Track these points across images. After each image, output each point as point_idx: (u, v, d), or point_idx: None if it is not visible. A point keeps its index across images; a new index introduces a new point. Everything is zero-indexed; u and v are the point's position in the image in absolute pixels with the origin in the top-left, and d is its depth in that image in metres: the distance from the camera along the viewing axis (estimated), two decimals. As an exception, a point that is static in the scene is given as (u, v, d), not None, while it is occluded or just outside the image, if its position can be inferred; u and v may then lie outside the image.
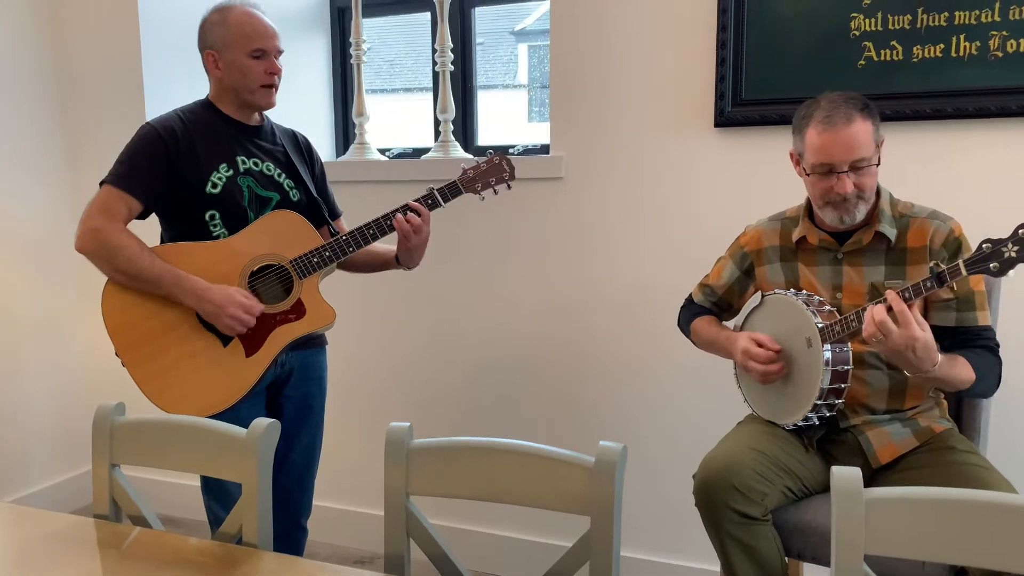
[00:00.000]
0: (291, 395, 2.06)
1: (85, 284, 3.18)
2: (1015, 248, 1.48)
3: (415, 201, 1.98)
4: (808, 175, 1.76)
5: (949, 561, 1.08)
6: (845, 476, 1.11)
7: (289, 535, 2.10)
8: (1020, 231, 1.48)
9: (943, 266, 1.55)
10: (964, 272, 1.52)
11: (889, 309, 1.56)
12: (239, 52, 1.93)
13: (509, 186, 2.07)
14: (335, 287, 2.53)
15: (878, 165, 1.73)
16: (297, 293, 1.94)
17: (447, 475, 1.33)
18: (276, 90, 1.99)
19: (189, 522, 3.04)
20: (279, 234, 1.94)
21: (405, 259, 2.06)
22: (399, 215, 1.96)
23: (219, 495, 1.95)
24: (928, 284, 1.55)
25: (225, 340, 1.91)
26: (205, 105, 2.01)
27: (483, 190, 2.05)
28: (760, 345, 1.79)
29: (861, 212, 1.75)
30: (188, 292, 1.86)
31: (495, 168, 2.04)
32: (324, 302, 1.96)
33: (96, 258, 1.88)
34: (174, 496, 3.07)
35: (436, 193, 2.01)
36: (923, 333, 1.54)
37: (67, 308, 3.19)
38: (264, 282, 1.94)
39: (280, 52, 1.98)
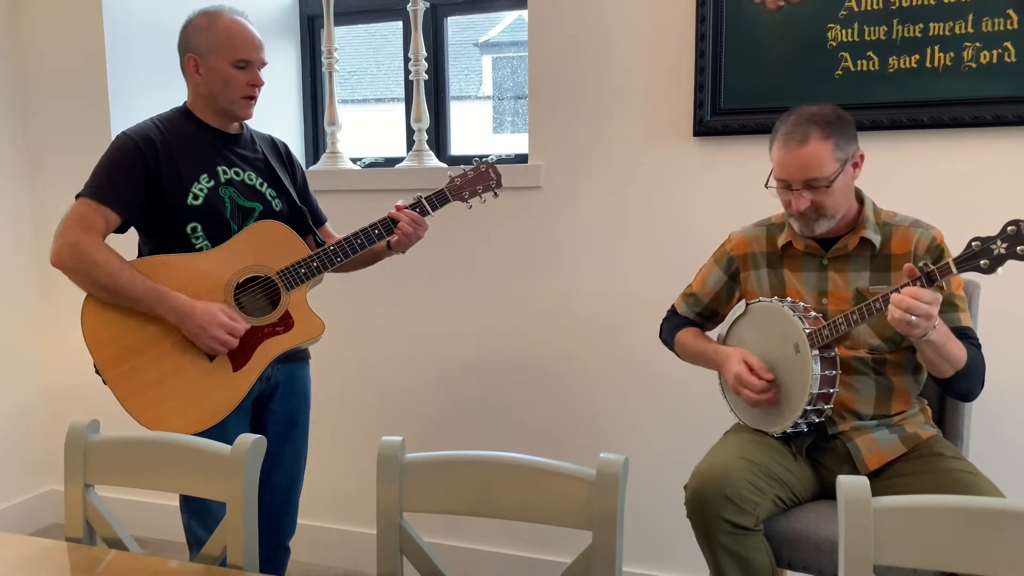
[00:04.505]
0: (276, 410, 2.01)
1: (46, 298, 3.07)
2: (1004, 245, 1.50)
3: (408, 209, 1.96)
4: (777, 187, 1.80)
5: (959, 570, 1.07)
6: (852, 485, 1.10)
7: (272, 557, 2.03)
8: (1009, 228, 1.51)
9: (932, 266, 1.56)
10: (955, 271, 1.54)
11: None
12: (223, 60, 1.87)
13: (496, 194, 2.06)
14: (311, 296, 2.47)
15: (837, 179, 1.72)
16: (284, 305, 1.89)
17: (442, 491, 1.29)
18: (255, 102, 1.94)
19: (165, 543, 2.94)
20: (264, 245, 1.89)
21: (399, 247, 2.00)
22: (402, 223, 1.93)
23: (200, 514, 1.88)
24: (919, 283, 1.56)
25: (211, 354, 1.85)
26: (183, 112, 1.95)
27: (470, 198, 2.03)
28: (751, 370, 1.78)
29: (822, 227, 1.77)
30: (169, 311, 1.80)
31: (482, 176, 2.03)
32: (312, 314, 1.92)
33: (74, 273, 1.81)
34: (149, 517, 2.96)
35: (424, 201, 1.99)
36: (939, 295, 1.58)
37: (26, 323, 3.07)
38: (250, 295, 1.89)
39: (264, 64, 1.94)
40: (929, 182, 2.16)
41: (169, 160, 1.85)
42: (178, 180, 1.85)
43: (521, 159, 2.71)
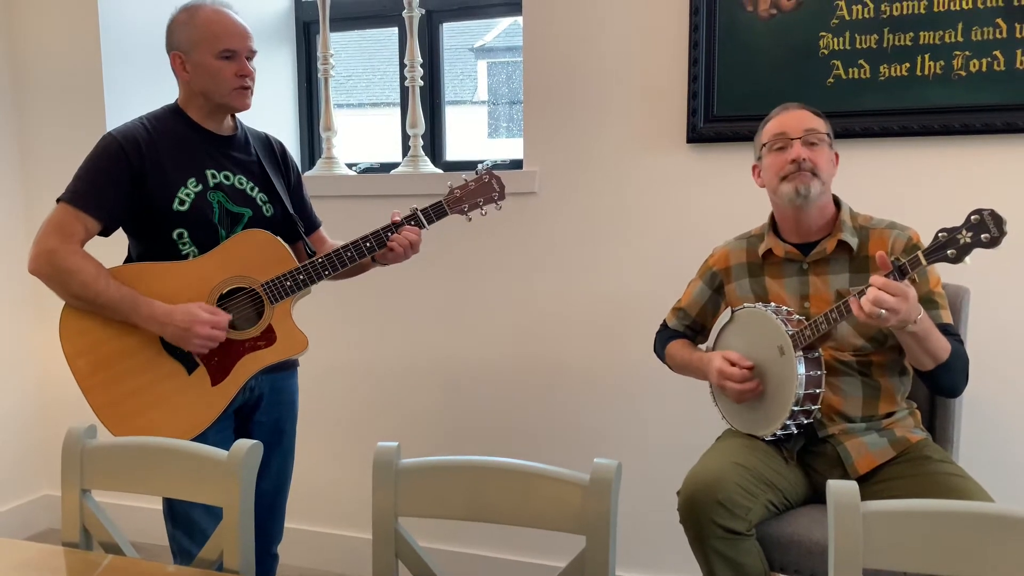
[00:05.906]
0: (262, 421, 1.96)
1: (40, 303, 3.06)
2: (969, 234, 1.54)
3: (402, 222, 1.88)
4: (767, 157, 1.85)
5: (948, 574, 1.09)
6: (842, 489, 1.11)
7: (260, 563, 2.02)
8: (972, 217, 1.54)
9: (903, 259, 1.59)
10: (924, 262, 1.57)
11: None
12: (207, 53, 1.80)
13: (499, 206, 1.94)
14: (304, 302, 2.48)
15: (828, 147, 1.84)
16: (268, 319, 1.84)
17: (437, 495, 1.30)
18: (251, 92, 1.86)
19: (161, 548, 2.91)
20: (251, 255, 1.83)
21: (383, 260, 1.93)
22: (396, 236, 1.86)
23: (186, 525, 1.84)
24: (892, 277, 1.58)
25: (190, 367, 1.80)
26: (173, 111, 1.88)
27: (471, 211, 1.92)
28: (732, 364, 1.81)
29: (816, 189, 1.79)
30: (147, 318, 1.75)
31: (484, 187, 1.93)
32: (296, 329, 1.86)
33: (50, 281, 1.77)
34: (145, 521, 2.96)
35: (420, 214, 1.90)
36: (910, 287, 1.60)
37: (20, 329, 3.07)
38: (234, 306, 1.84)
39: (253, 53, 1.86)
40: (919, 189, 2.18)
41: (155, 162, 1.79)
42: (164, 184, 1.79)
43: (516, 164, 2.72)
